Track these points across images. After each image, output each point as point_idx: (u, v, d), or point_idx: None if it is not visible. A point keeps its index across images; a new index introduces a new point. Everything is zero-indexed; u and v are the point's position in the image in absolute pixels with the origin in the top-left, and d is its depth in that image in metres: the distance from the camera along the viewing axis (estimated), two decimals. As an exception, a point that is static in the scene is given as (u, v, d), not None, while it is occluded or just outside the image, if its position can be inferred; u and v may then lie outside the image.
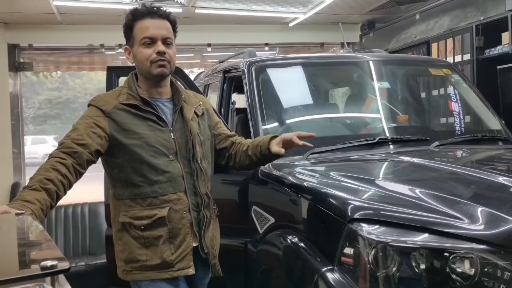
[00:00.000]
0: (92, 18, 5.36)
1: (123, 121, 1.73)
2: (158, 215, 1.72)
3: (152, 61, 1.74)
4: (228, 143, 2.01)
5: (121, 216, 1.75)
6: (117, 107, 1.74)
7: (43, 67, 6.39)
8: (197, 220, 1.80)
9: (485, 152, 2.41)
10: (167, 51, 1.76)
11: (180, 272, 1.74)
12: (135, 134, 1.72)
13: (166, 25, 1.79)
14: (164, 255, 1.72)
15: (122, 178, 1.75)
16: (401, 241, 1.43)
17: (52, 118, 19.38)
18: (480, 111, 2.87)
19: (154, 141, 1.74)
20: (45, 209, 1.48)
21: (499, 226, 1.40)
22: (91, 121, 1.71)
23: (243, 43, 5.92)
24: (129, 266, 1.76)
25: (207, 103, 2.01)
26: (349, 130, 2.66)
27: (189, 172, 1.79)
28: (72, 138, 1.66)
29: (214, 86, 3.32)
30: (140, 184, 1.72)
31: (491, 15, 3.94)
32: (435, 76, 3.08)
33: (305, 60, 2.94)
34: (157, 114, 1.76)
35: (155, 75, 1.76)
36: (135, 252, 1.73)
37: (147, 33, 1.74)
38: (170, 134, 1.78)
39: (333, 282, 1.52)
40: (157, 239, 1.72)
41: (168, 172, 1.74)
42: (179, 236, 1.75)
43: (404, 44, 5.03)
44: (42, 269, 0.71)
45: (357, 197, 1.66)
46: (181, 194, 1.76)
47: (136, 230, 1.73)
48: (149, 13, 1.77)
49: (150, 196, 1.73)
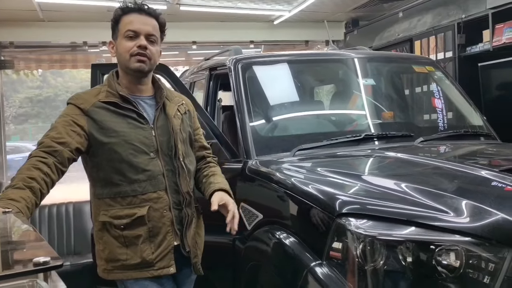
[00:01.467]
0: (74, 15, 5.30)
1: (102, 119, 1.71)
2: (138, 214, 1.70)
3: (131, 54, 1.71)
4: (199, 155, 1.98)
5: (101, 216, 1.74)
6: (96, 105, 1.72)
7: (25, 65, 6.29)
8: (178, 218, 1.79)
9: (468, 147, 2.46)
10: (149, 48, 1.74)
11: (161, 271, 1.73)
12: (114, 132, 1.70)
13: (153, 23, 1.77)
14: (144, 254, 1.71)
15: (102, 177, 1.73)
16: (388, 235, 1.45)
17: (34, 117, 19.07)
18: (462, 108, 2.92)
19: (134, 139, 1.72)
20: (31, 207, 1.47)
21: (483, 218, 1.43)
22: (69, 119, 1.69)
23: (228, 41, 5.91)
24: (110, 265, 1.74)
25: (190, 105, 1.99)
26: (335, 127, 2.69)
27: (171, 170, 1.78)
28: (51, 137, 1.64)
29: (199, 84, 3.32)
30: (120, 183, 1.71)
31: (472, 13, 4.01)
32: (418, 73, 3.13)
33: (292, 58, 2.95)
34: (137, 111, 1.75)
35: (133, 69, 1.74)
36: (116, 252, 1.72)
37: (131, 26, 1.73)
38: (151, 132, 1.76)
39: (322, 277, 1.54)
40: (136, 238, 1.71)
41: (148, 170, 1.72)
42: (160, 235, 1.73)
43: (387, 42, 5.09)
44: (35, 265, 0.71)
45: (344, 192, 1.68)
46: (161, 193, 1.74)
47: (116, 229, 1.71)
48: (139, 10, 1.76)
49: (129, 195, 1.71)
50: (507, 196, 1.54)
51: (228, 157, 2.39)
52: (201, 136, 2.02)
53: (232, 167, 2.33)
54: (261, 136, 2.42)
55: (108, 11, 4.78)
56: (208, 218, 2.00)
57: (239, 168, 2.27)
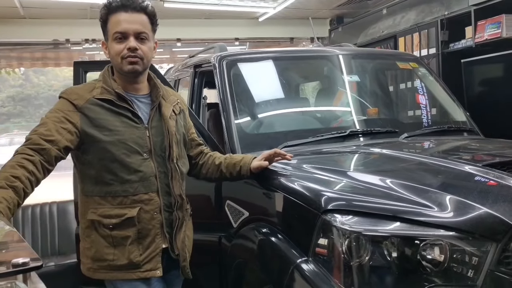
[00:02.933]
0: (56, 12, 5.21)
1: (96, 117, 1.67)
2: (128, 215, 1.67)
3: (122, 57, 1.67)
4: (197, 152, 1.98)
5: (89, 213, 1.70)
6: (91, 101, 1.67)
7: (6, 63, 6.19)
8: (168, 221, 1.76)
9: (452, 143, 2.48)
10: (140, 47, 1.68)
11: (148, 273, 1.70)
12: (108, 131, 1.66)
13: (141, 19, 1.70)
14: (132, 255, 1.68)
15: (93, 175, 1.70)
16: (373, 230, 1.46)
17: (16, 116, 18.78)
18: (446, 104, 2.95)
19: (128, 139, 1.68)
20: (13, 207, 1.43)
21: (466, 213, 1.45)
22: (61, 115, 1.63)
23: (213, 38, 5.89)
24: (96, 264, 1.71)
25: (184, 103, 1.96)
26: (320, 124, 2.69)
27: (163, 172, 1.74)
28: (40, 133, 1.59)
29: (184, 81, 3.29)
30: (111, 182, 1.68)
31: (455, 10, 4.06)
32: (402, 69, 3.15)
33: (277, 54, 2.94)
34: (132, 110, 1.71)
35: (126, 71, 1.70)
36: (103, 251, 1.69)
37: (118, 27, 1.67)
38: (145, 132, 1.72)
39: (308, 273, 1.54)
40: (125, 239, 1.68)
41: (140, 171, 1.69)
42: (148, 237, 1.71)
43: (372, 39, 5.12)
44: (13, 266, 0.69)
45: (330, 189, 1.68)
46: (152, 195, 1.71)
47: (105, 228, 1.68)
48: (123, 6, 1.68)
49: (120, 195, 1.68)
50: (490, 191, 1.56)
51: (213, 155, 2.37)
52: (195, 134, 2.01)
53: (217, 165, 2.32)
54: (247, 134, 2.41)
55: (91, 8, 4.72)
56: (195, 216, 1.99)
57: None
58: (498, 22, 3.68)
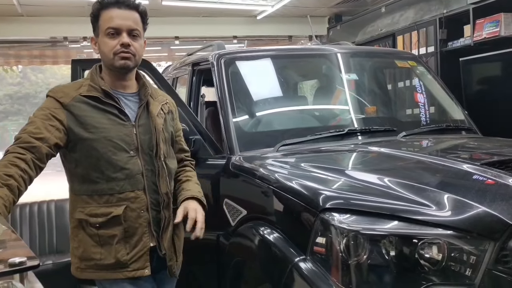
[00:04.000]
0: (54, 10, 5.20)
1: (82, 114, 1.66)
2: (113, 213, 1.66)
3: (115, 52, 1.67)
4: (178, 158, 1.94)
5: (77, 212, 1.70)
6: (77, 99, 1.67)
7: (3, 61, 6.17)
8: (156, 220, 1.74)
9: (450, 142, 2.48)
10: (133, 44, 1.69)
11: (135, 273, 1.69)
12: (94, 128, 1.66)
13: (133, 16, 1.71)
14: (119, 254, 1.67)
15: (79, 173, 1.69)
16: (371, 229, 1.46)
17: (14, 114, 18.74)
18: (444, 102, 2.95)
19: (114, 136, 1.67)
20: (8, 205, 1.42)
21: (464, 212, 1.45)
22: (48, 113, 1.63)
23: (211, 36, 5.88)
24: (83, 263, 1.70)
25: (173, 105, 1.95)
26: (318, 122, 2.69)
27: (151, 170, 1.73)
28: (29, 132, 1.59)
29: (182, 79, 3.28)
30: (97, 180, 1.67)
31: (454, 8, 4.06)
32: (401, 68, 3.15)
33: (275, 53, 2.94)
34: (118, 108, 1.70)
35: (117, 67, 1.70)
36: (90, 250, 1.68)
37: (112, 23, 1.67)
38: (132, 129, 1.71)
39: (306, 272, 1.54)
40: (111, 238, 1.67)
41: (126, 169, 1.68)
42: (135, 235, 1.69)
43: (370, 37, 5.12)
44: (10, 266, 0.68)
45: (328, 187, 1.68)
46: (139, 193, 1.70)
47: (92, 227, 1.67)
48: (117, 3, 1.69)
49: (107, 193, 1.67)
50: (488, 189, 1.56)
51: (211, 153, 2.37)
52: (181, 138, 1.99)
53: (215, 163, 2.32)
54: (245, 132, 2.41)
55: (88, 5, 4.69)
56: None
57: (222, 164, 2.26)
58: (497, 20, 3.68)
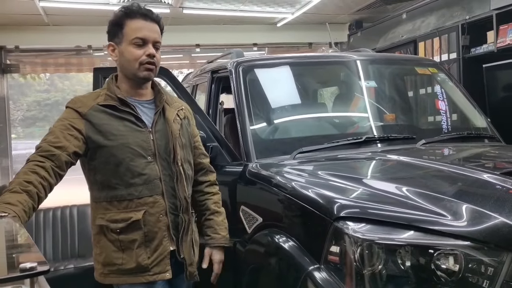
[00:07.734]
0: (79, 19, 5.33)
1: (100, 123, 1.71)
2: (133, 218, 1.70)
3: (141, 62, 1.72)
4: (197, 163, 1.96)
5: (98, 219, 1.74)
6: (94, 108, 1.72)
7: (30, 69, 6.34)
8: (174, 223, 1.78)
9: (471, 150, 2.43)
10: (156, 55, 1.75)
11: (157, 277, 1.72)
12: (112, 136, 1.70)
13: (157, 29, 1.77)
14: (140, 259, 1.70)
15: (99, 180, 1.73)
16: (387, 239, 1.43)
17: (41, 120, 19.17)
18: (466, 109, 2.90)
19: (132, 142, 1.71)
20: (28, 210, 1.47)
21: (482, 222, 1.41)
22: (67, 123, 1.69)
23: (231, 43, 5.93)
24: (106, 269, 1.74)
25: (189, 112, 1.99)
26: (336, 129, 2.67)
27: (169, 175, 1.77)
28: (49, 141, 1.65)
29: (202, 86, 3.32)
30: (116, 186, 1.71)
31: (476, 14, 3.99)
32: (421, 75, 3.11)
33: (292, 60, 2.94)
34: (135, 115, 1.74)
35: (141, 77, 1.75)
36: (112, 256, 1.72)
37: (140, 33, 1.72)
38: (149, 135, 1.75)
39: (320, 281, 1.52)
40: (132, 242, 1.70)
41: (144, 174, 1.71)
42: (155, 239, 1.73)
43: (391, 44, 5.07)
44: (21, 271, 0.70)
45: (343, 196, 1.67)
46: (157, 197, 1.73)
47: (112, 233, 1.71)
48: (143, 15, 1.74)
49: (126, 199, 1.71)
50: (507, 199, 1.52)
51: (228, 160, 2.38)
52: (200, 144, 2.01)
53: (232, 170, 2.33)
54: (262, 139, 2.41)
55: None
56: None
57: (239, 171, 2.26)
58: (521, 26, 3.60)
